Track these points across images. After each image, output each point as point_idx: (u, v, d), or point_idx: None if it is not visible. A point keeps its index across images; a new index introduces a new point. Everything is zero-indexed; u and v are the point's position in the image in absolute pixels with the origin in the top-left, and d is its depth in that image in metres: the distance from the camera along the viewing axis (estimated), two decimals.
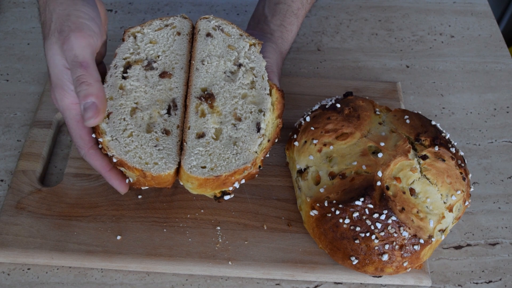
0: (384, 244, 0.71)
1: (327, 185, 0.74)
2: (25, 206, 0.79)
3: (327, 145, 0.77)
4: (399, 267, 0.72)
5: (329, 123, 0.79)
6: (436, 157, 0.75)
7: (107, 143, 0.70)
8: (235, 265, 0.75)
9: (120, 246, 0.76)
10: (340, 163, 0.75)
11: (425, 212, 0.72)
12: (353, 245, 0.71)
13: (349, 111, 0.80)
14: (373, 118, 0.80)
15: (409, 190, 0.73)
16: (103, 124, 0.71)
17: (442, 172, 0.74)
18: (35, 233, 0.76)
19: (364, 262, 0.72)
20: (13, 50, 1.02)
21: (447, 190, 0.74)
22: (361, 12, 1.13)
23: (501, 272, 0.79)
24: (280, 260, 0.76)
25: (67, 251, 0.75)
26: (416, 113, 0.82)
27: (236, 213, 0.80)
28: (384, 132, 0.78)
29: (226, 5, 1.13)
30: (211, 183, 0.69)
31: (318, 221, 0.74)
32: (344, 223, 0.71)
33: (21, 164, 0.83)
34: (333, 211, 0.72)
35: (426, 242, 0.72)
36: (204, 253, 0.76)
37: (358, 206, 0.71)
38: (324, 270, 0.75)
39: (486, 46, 1.09)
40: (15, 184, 0.81)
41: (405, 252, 0.71)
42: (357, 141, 0.77)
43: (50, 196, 0.80)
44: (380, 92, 0.95)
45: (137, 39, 0.78)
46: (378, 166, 0.73)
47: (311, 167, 0.77)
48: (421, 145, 0.76)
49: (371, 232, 0.71)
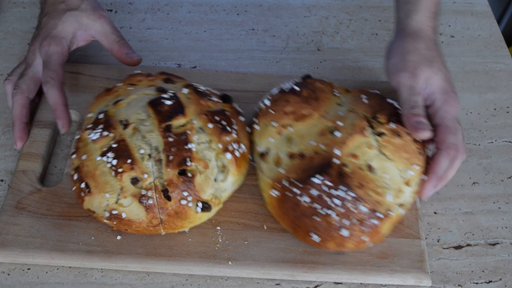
0: (343, 220, 0.72)
1: (286, 165, 0.76)
2: (25, 206, 0.79)
3: (286, 127, 0.79)
4: (359, 242, 0.73)
5: (288, 106, 0.80)
6: (393, 134, 0.77)
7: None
8: (235, 265, 0.75)
9: (120, 246, 0.76)
10: (299, 143, 0.77)
11: (383, 187, 0.74)
12: (313, 222, 0.73)
13: (307, 93, 0.82)
14: (332, 99, 0.82)
15: (366, 166, 0.75)
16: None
17: (399, 148, 0.76)
18: (35, 233, 0.76)
19: (325, 238, 0.73)
20: (13, 50, 1.02)
21: (404, 165, 0.76)
22: (361, 12, 1.13)
23: (501, 272, 0.79)
24: (280, 260, 0.76)
25: (67, 251, 0.75)
26: (374, 93, 0.84)
27: (236, 213, 0.80)
28: (342, 112, 0.80)
29: (226, 5, 1.13)
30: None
31: (279, 201, 0.75)
32: (304, 201, 0.73)
33: (21, 164, 0.83)
34: (292, 190, 0.73)
35: (385, 217, 0.73)
36: (204, 253, 0.76)
37: (316, 184, 0.73)
38: (324, 270, 0.75)
39: (486, 46, 1.09)
40: (15, 184, 0.81)
41: (365, 227, 0.73)
42: (315, 122, 0.78)
43: (50, 196, 0.80)
44: (380, 92, 0.94)
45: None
46: (335, 144, 0.75)
47: (271, 149, 0.79)
48: (378, 123, 0.78)
49: (330, 209, 0.72)
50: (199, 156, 0.74)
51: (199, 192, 0.74)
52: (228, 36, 1.07)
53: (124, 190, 0.72)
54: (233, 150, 0.77)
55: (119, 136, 0.74)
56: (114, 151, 0.73)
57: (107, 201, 0.73)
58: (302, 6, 1.14)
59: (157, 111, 0.75)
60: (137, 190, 0.72)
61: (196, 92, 0.80)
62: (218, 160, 0.76)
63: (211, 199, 0.75)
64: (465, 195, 0.87)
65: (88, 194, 0.73)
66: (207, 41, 1.06)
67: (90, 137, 0.75)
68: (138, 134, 0.75)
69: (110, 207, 0.73)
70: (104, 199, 0.73)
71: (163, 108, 0.76)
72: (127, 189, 0.72)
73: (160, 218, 0.73)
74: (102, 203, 0.73)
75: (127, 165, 0.72)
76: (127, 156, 0.73)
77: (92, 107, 0.81)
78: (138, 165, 0.73)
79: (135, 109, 0.76)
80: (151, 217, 0.73)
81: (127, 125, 0.75)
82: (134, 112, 0.76)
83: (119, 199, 0.73)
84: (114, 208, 0.73)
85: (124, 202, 0.73)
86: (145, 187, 0.72)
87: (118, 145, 0.73)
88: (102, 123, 0.76)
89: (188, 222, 0.75)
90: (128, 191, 0.72)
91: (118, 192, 0.73)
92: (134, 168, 0.72)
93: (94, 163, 0.74)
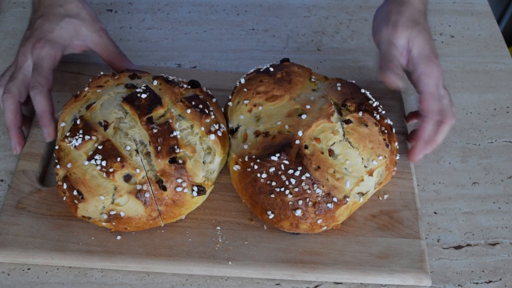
0: (297, 200, 0.73)
1: (251, 142, 0.77)
2: (25, 206, 0.79)
3: (256, 105, 0.80)
4: (313, 224, 0.74)
5: (261, 85, 0.82)
6: (360, 123, 0.78)
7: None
8: (235, 265, 0.75)
9: (120, 246, 0.76)
10: (266, 122, 0.78)
11: (342, 173, 0.75)
12: (269, 200, 0.74)
13: (281, 75, 0.83)
14: (307, 84, 0.83)
15: (328, 150, 0.76)
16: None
17: (364, 137, 0.77)
18: (35, 233, 0.76)
19: (280, 216, 0.74)
20: (13, 50, 1.02)
21: (369, 154, 0.77)
22: (361, 12, 1.13)
23: (501, 272, 0.79)
24: (280, 260, 0.76)
25: (67, 251, 0.75)
26: (350, 82, 0.85)
27: (236, 213, 0.80)
28: (313, 97, 0.81)
29: (226, 5, 1.13)
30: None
31: (240, 176, 0.77)
32: (262, 177, 0.74)
33: (21, 164, 0.83)
34: (252, 165, 0.75)
35: (341, 202, 0.74)
36: (204, 253, 0.76)
37: (274, 162, 0.74)
38: (324, 270, 0.75)
39: (486, 46, 1.09)
40: (15, 184, 0.81)
41: (318, 210, 0.74)
42: (285, 103, 0.80)
43: (50, 196, 0.80)
44: (380, 92, 0.95)
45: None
46: (300, 126, 0.76)
47: (241, 126, 0.80)
48: (346, 110, 0.79)
49: (285, 187, 0.73)
50: (184, 143, 0.75)
51: (192, 176, 0.74)
52: (228, 36, 1.07)
53: (119, 189, 0.73)
54: (216, 130, 0.78)
55: (103, 137, 0.74)
56: (101, 152, 0.73)
57: (103, 203, 0.73)
58: (302, 6, 1.14)
59: (134, 106, 0.75)
60: (132, 186, 0.73)
61: (167, 82, 0.81)
62: (202, 143, 0.77)
63: (204, 181, 0.76)
64: (465, 195, 0.87)
65: (82, 200, 0.73)
66: (207, 41, 1.06)
67: (72, 144, 0.74)
68: (120, 132, 0.75)
69: (107, 208, 0.73)
70: (99, 202, 0.73)
71: (140, 102, 0.76)
72: (122, 188, 0.73)
73: (158, 209, 0.74)
74: (98, 206, 0.73)
75: (118, 163, 0.72)
76: (116, 155, 0.73)
77: (63, 116, 0.80)
78: (128, 162, 0.73)
79: (111, 108, 0.76)
80: (150, 210, 0.73)
81: (107, 125, 0.75)
82: (111, 112, 0.76)
83: (115, 199, 0.73)
84: (111, 209, 0.73)
85: (120, 201, 0.73)
86: (139, 182, 0.73)
87: (104, 146, 0.73)
88: (81, 129, 0.75)
89: (186, 208, 0.76)
90: (123, 189, 0.72)
91: (112, 192, 0.73)
92: (125, 166, 0.72)
93: (82, 169, 0.73)
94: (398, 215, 0.81)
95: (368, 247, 0.77)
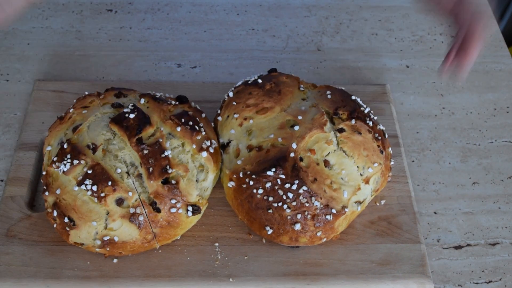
0: (296, 214, 0.73)
1: (244, 157, 0.76)
2: (15, 233, 0.76)
3: (247, 119, 0.79)
4: (313, 237, 0.74)
5: (250, 98, 0.81)
6: (353, 130, 0.77)
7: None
8: (236, 282, 0.74)
9: (117, 269, 0.74)
10: (258, 136, 0.77)
11: (339, 183, 0.74)
12: (267, 215, 0.73)
13: (270, 86, 0.82)
14: (296, 93, 0.82)
15: (323, 161, 0.75)
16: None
17: (358, 145, 0.76)
18: (28, 261, 0.73)
19: (278, 231, 0.73)
20: (13, 50, 1.01)
21: (364, 162, 0.76)
22: (361, 12, 1.13)
23: (501, 272, 0.79)
24: (282, 273, 0.75)
25: (63, 278, 0.73)
26: (340, 89, 0.84)
27: (234, 228, 0.78)
28: (304, 107, 0.79)
29: (226, 5, 1.13)
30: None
31: (235, 192, 0.75)
32: (258, 193, 0.73)
33: (8, 190, 0.80)
34: (248, 181, 0.74)
35: (339, 213, 0.74)
36: (204, 271, 0.74)
37: (270, 177, 0.73)
38: (326, 281, 0.74)
39: (486, 46, 1.09)
40: (4, 211, 0.78)
41: (318, 222, 0.73)
42: (276, 115, 0.79)
43: (41, 221, 0.77)
44: (370, 95, 0.93)
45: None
46: (293, 138, 0.75)
47: (232, 140, 0.79)
48: (339, 119, 0.78)
49: (283, 202, 0.72)
50: (176, 162, 0.73)
51: (186, 196, 0.73)
52: (228, 36, 1.07)
53: (111, 213, 0.70)
54: (207, 147, 0.76)
55: (92, 161, 0.71)
56: (91, 177, 0.70)
57: (96, 229, 0.71)
58: (302, 6, 1.13)
59: (123, 127, 0.73)
60: (125, 210, 0.71)
61: (154, 99, 0.78)
62: (195, 161, 0.75)
63: (198, 200, 0.74)
64: (465, 195, 0.87)
65: (74, 227, 0.71)
66: (207, 41, 1.06)
67: (61, 169, 0.72)
68: (109, 154, 0.72)
69: (101, 234, 0.71)
70: (92, 228, 0.71)
71: (129, 122, 0.73)
72: (114, 212, 0.70)
73: (153, 232, 0.72)
74: (90, 232, 0.71)
75: (109, 187, 0.70)
76: (107, 178, 0.70)
77: (49, 140, 0.77)
78: (120, 185, 0.70)
79: (98, 130, 0.74)
80: (145, 233, 0.71)
81: (96, 148, 0.72)
82: (99, 134, 0.73)
83: (108, 224, 0.71)
84: (105, 234, 0.71)
85: (114, 226, 0.71)
86: (132, 205, 0.71)
87: (94, 170, 0.71)
88: (68, 153, 0.72)
89: (181, 229, 0.74)
90: (116, 213, 0.70)
91: (105, 217, 0.70)
92: (117, 189, 0.70)
93: (72, 195, 0.71)
94: (396, 220, 0.80)
95: (369, 254, 0.77)
